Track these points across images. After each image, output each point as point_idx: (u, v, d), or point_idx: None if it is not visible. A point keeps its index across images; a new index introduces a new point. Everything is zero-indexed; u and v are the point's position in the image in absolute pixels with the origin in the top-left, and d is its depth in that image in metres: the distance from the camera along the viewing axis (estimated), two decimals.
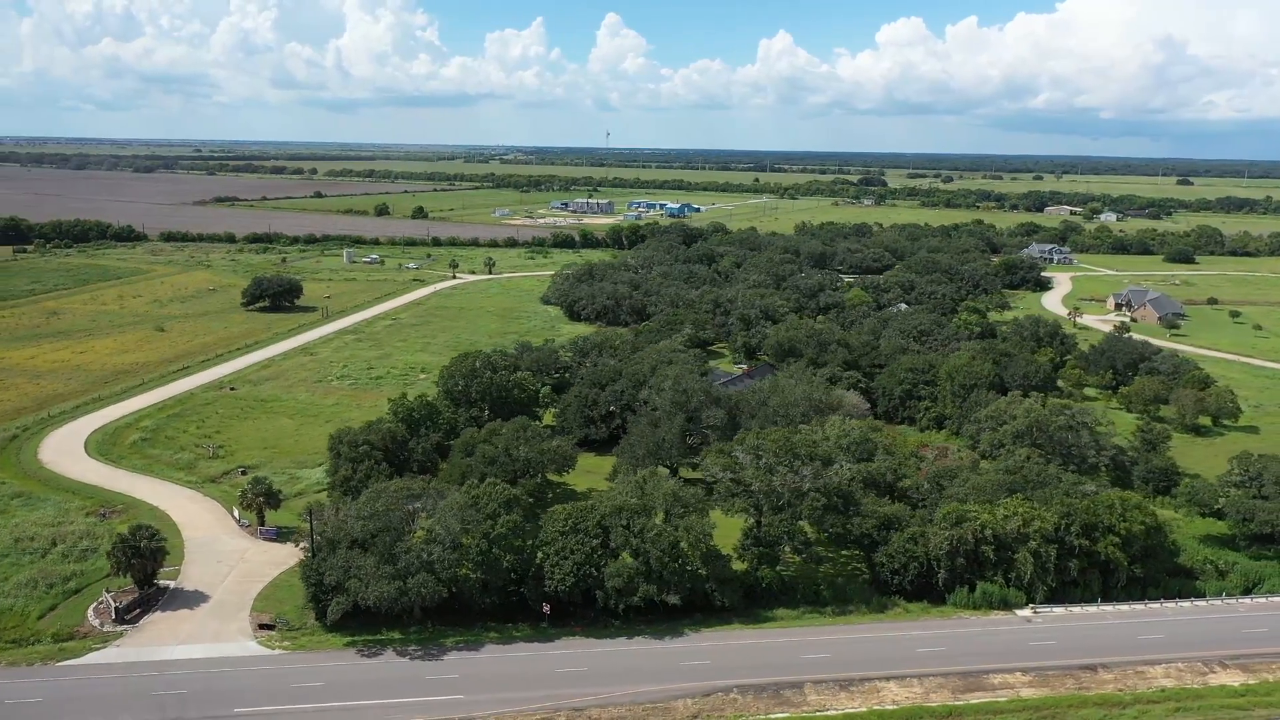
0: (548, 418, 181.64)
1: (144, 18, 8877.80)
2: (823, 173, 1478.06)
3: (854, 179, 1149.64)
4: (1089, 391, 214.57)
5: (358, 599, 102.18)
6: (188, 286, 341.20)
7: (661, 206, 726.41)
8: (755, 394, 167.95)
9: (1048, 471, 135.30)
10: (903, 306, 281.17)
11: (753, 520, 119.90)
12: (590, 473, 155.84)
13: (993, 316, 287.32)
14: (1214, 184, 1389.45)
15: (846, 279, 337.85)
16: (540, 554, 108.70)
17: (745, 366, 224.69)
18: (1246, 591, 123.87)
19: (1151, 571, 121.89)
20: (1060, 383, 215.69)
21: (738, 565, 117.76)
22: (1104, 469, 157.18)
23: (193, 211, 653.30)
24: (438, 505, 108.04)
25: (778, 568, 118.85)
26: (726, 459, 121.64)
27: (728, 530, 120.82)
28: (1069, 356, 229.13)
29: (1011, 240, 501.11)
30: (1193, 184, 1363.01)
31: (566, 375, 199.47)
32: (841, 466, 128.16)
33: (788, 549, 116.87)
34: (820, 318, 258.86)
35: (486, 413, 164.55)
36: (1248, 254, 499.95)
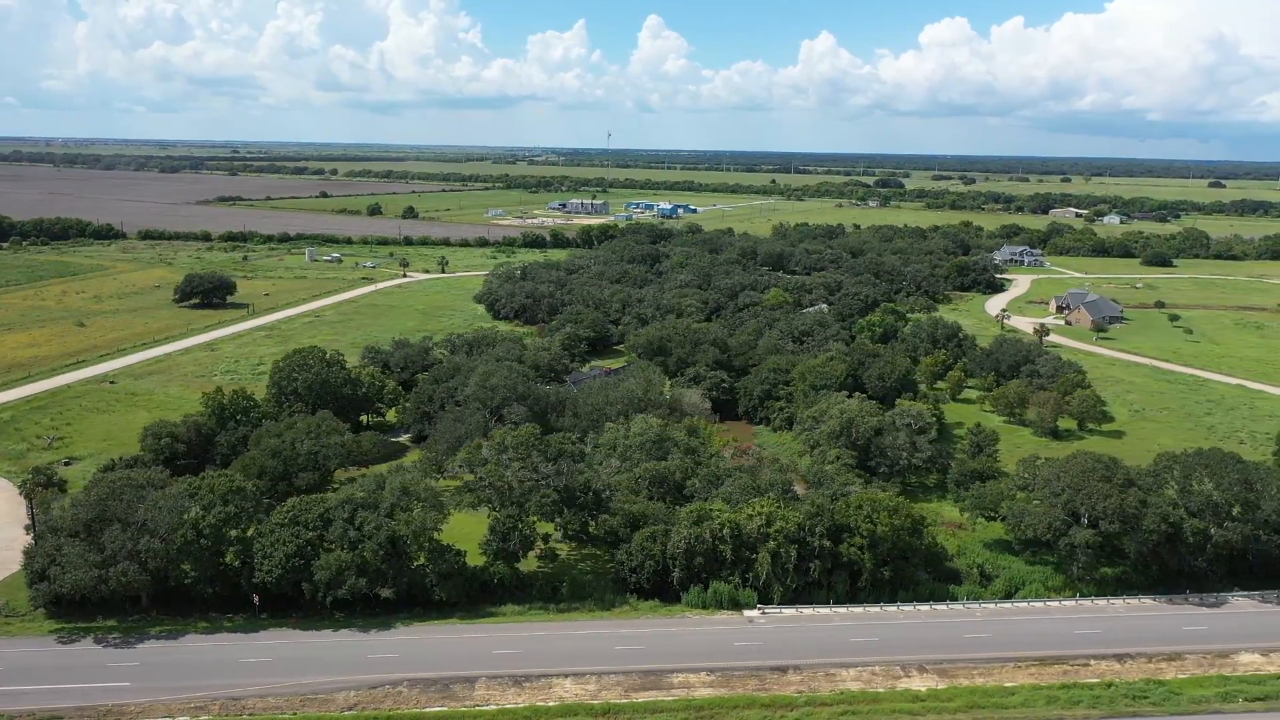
0: (392, 414, 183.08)
1: (194, 21, 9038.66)
2: (847, 174, 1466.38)
3: (869, 181, 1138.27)
4: (970, 394, 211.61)
5: (56, 586, 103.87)
6: (137, 283, 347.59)
7: (654, 207, 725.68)
8: (585, 392, 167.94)
9: (824, 471, 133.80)
10: (823, 307, 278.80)
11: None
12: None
13: (916, 318, 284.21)
14: (1246, 186, 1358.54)
15: (787, 279, 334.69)
16: (256, 545, 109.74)
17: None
18: (1007, 596, 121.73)
19: (904, 573, 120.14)
20: (941, 384, 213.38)
21: (478, 560, 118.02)
22: (924, 470, 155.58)
23: (191, 210, 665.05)
24: (149, 496, 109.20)
25: (519, 564, 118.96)
26: (473, 455, 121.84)
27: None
28: (963, 359, 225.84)
29: (988, 242, 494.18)
30: (1225, 186, 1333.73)
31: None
32: (601, 464, 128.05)
33: (519, 543, 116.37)
34: (719, 318, 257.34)
35: (312, 408, 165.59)
36: (1233, 257, 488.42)
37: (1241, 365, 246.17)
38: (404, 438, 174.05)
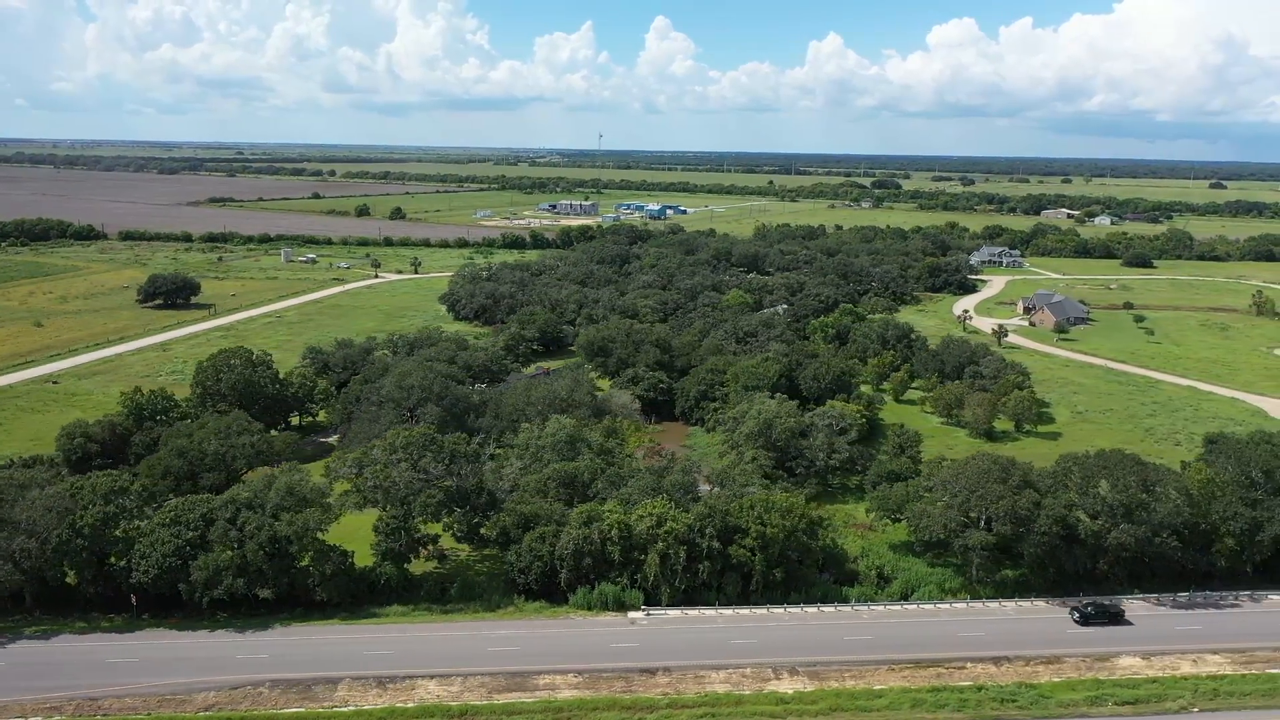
0: (324, 415, 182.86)
1: (202, 23, 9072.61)
2: (848, 175, 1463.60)
3: (866, 182, 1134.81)
4: (913, 394, 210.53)
5: None
6: (106, 284, 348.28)
7: (642, 208, 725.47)
8: (510, 393, 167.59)
9: (729, 474, 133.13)
10: (780, 309, 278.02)
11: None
12: None
13: (877, 319, 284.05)
14: (1248, 187, 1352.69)
15: (753, 280, 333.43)
16: (136, 546, 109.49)
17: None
18: (903, 598, 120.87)
19: (799, 575, 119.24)
20: (887, 385, 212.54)
21: (368, 561, 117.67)
22: (844, 471, 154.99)
23: (180, 211, 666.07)
24: (30, 495, 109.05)
25: (409, 565, 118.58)
26: (364, 456, 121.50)
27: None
28: (911, 360, 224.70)
29: (970, 243, 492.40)
30: (1226, 187, 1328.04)
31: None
32: (507, 465, 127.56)
33: (406, 544, 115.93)
34: (677, 318, 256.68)
35: (236, 408, 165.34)
36: (1215, 258, 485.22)
37: (1197, 366, 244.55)
38: (333, 438, 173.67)
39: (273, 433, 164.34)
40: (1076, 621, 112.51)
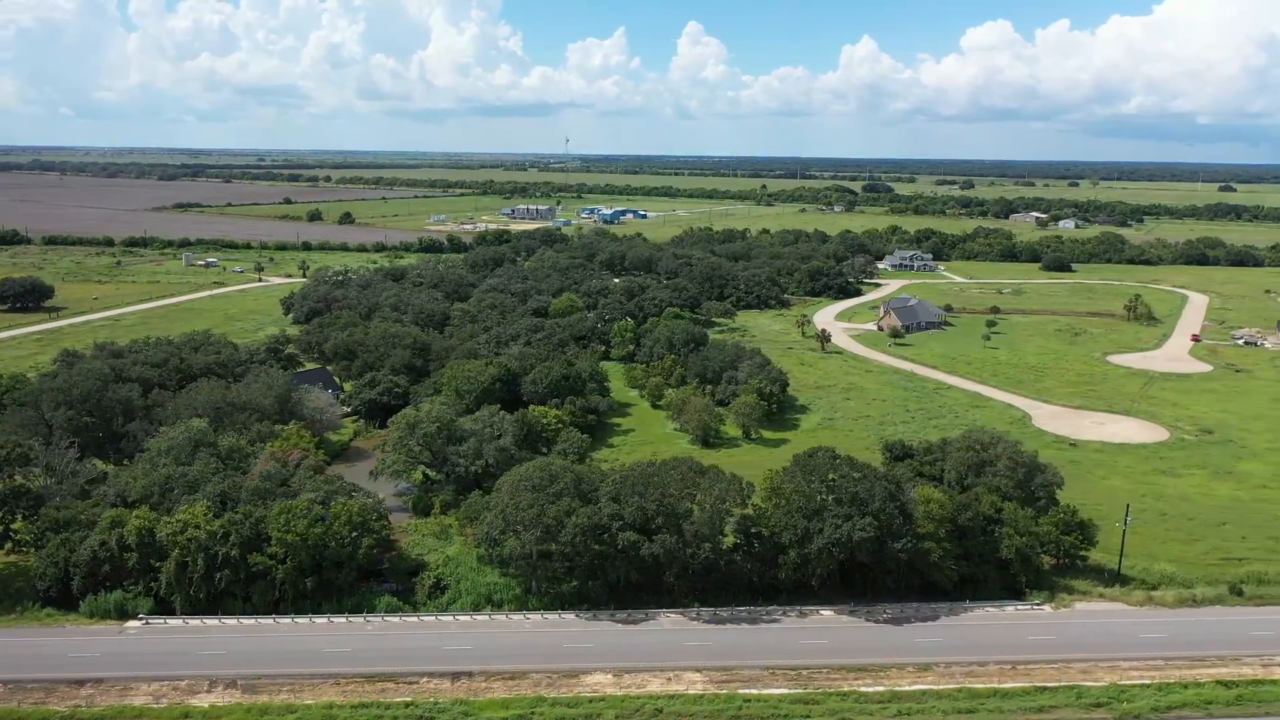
0: None
1: (239, 32, 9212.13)
2: (851, 179, 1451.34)
3: (856, 187, 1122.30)
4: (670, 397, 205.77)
5: None
6: None
7: (597, 211, 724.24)
8: (183, 396, 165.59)
9: (314, 480, 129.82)
10: (591, 314, 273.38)
11: None
12: None
13: (721, 322, 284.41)
14: (1259, 190, 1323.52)
15: (617, 281, 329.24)
16: None
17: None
18: (444, 609, 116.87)
19: (335, 583, 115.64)
20: (645, 388, 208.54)
21: None
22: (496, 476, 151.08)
23: (135, 216, 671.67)
24: None
25: None
26: None
27: None
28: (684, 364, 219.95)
29: (895, 246, 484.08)
30: (1235, 190, 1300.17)
31: None
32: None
33: None
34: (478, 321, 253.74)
35: None
36: (1146, 262, 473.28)
37: (1001, 372, 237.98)
38: None
39: None
40: None
